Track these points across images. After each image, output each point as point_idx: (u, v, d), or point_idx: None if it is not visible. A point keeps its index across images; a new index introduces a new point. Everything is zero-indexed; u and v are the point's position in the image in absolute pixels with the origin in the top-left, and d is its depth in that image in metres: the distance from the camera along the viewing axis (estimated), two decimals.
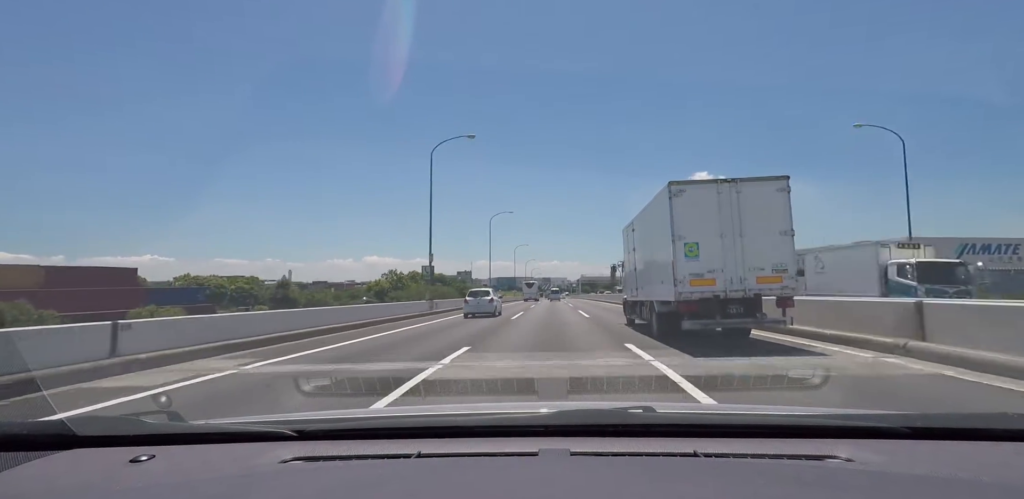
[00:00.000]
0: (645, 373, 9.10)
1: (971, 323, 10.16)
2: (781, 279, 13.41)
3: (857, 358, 10.73)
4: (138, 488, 1.38)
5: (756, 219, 13.49)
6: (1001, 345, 9.13)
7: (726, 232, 13.50)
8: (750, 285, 13.41)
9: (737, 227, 13.50)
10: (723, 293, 13.42)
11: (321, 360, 12.59)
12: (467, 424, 1.82)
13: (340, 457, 1.61)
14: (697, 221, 13.57)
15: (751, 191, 13.59)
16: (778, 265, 13.42)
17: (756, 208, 13.51)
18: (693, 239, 13.54)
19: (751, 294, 13.50)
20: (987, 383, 8.03)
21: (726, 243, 13.48)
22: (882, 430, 1.67)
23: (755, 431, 1.73)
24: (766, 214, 13.49)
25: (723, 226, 13.51)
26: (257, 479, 1.42)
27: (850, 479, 1.37)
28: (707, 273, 13.43)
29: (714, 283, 13.43)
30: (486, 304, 31.13)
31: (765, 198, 13.54)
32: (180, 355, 12.98)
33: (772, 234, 13.44)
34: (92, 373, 10.48)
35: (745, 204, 13.54)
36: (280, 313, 22.24)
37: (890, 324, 12.12)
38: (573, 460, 1.49)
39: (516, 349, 13.48)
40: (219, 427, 1.87)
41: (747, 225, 13.49)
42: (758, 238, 13.44)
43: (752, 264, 13.41)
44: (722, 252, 13.46)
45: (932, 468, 1.44)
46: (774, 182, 13.62)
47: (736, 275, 13.40)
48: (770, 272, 13.39)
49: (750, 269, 13.40)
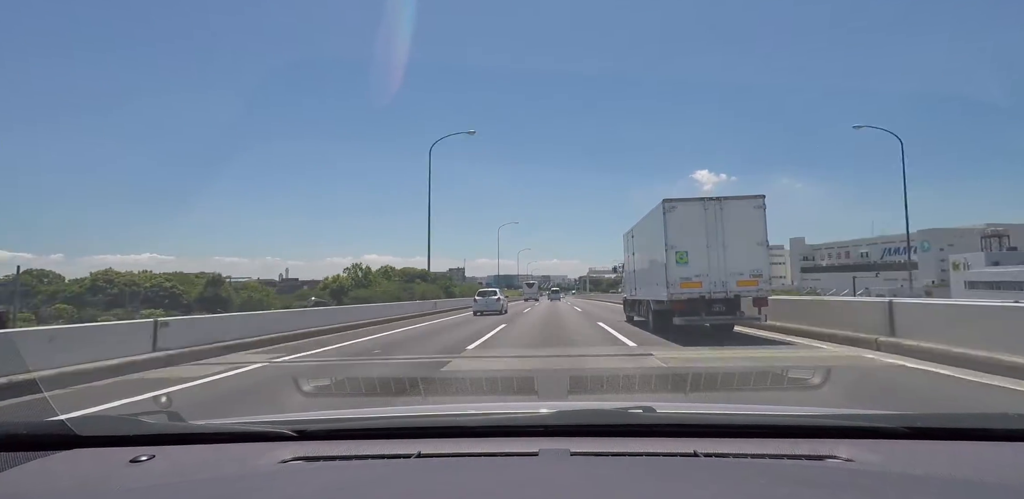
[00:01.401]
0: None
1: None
2: (757, 283, 13.51)
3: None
4: (138, 488, 1.20)
5: (736, 232, 13.52)
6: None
7: (711, 242, 13.52)
8: (731, 287, 13.45)
9: (720, 238, 13.52)
10: (708, 294, 13.45)
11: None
12: (467, 424, 1.59)
13: (340, 457, 1.40)
14: (686, 233, 13.59)
15: (732, 208, 13.64)
16: (755, 271, 13.50)
17: (736, 222, 13.55)
18: (683, 248, 13.57)
19: (732, 295, 13.56)
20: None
21: (711, 252, 13.50)
22: (882, 430, 1.44)
23: (755, 431, 1.50)
24: (745, 228, 13.55)
25: (708, 237, 13.54)
26: (257, 479, 1.23)
27: (850, 479, 1.17)
28: (694, 277, 13.45)
29: (700, 285, 13.43)
30: (494, 302, 30.32)
31: (744, 214, 13.61)
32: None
33: (750, 244, 13.53)
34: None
35: (727, 219, 13.57)
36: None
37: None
38: (573, 460, 1.28)
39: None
40: (219, 427, 1.64)
41: (729, 237, 13.50)
42: (738, 248, 13.47)
43: (733, 270, 13.43)
44: (707, 259, 13.48)
45: (932, 468, 1.24)
46: (752, 200, 13.74)
47: (719, 279, 13.42)
48: (748, 276, 13.45)
49: (731, 274, 13.44)
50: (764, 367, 7.34)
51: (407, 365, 9.83)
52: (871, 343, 10.47)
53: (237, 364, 10.47)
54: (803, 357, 9.82)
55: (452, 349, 12.23)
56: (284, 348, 13.60)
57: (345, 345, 14.17)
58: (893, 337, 10.32)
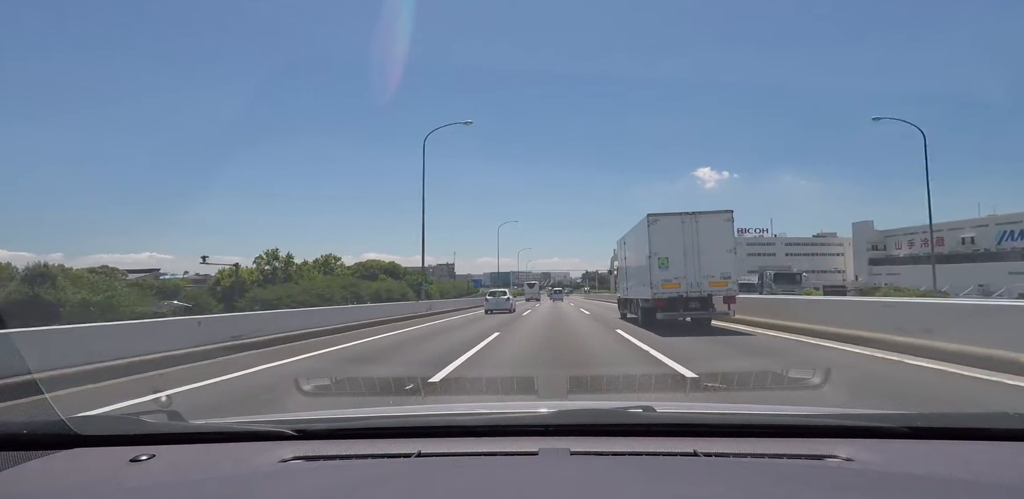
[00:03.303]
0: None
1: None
2: (726, 284, 13.22)
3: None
4: (138, 487, 0.99)
5: (709, 241, 13.25)
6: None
7: (687, 250, 13.24)
8: (704, 288, 13.19)
9: (695, 247, 13.25)
10: (685, 293, 13.19)
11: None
12: (467, 424, 1.33)
13: (340, 456, 1.15)
14: (667, 242, 13.32)
15: (706, 221, 13.35)
16: (724, 274, 13.24)
17: (709, 233, 13.27)
18: (664, 255, 13.30)
19: (705, 294, 13.28)
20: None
21: (687, 258, 13.23)
22: (882, 430, 1.19)
23: (755, 431, 1.24)
24: (716, 238, 13.27)
25: (685, 246, 13.26)
26: (257, 478, 1.01)
27: (850, 479, 0.94)
28: (674, 279, 13.19)
29: (679, 286, 13.17)
30: (504, 302, 27.37)
31: (715, 226, 13.33)
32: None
33: (720, 252, 13.26)
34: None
35: (701, 230, 13.28)
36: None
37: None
38: (573, 460, 1.05)
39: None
40: (219, 426, 1.38)
41: (702, 245, 13.23)
42: (710, 254, 13.20)
43: (706, 273, 13.17)
44: (684, 264, 13.22)
45: (932, 468, 0.99)
46: (722, 214, 13.49)
47: (694, 281, 13.17)
48: (719, 278, 13.18)
49: (704, 277, 13.18)
50: (763, 367, 6.34)
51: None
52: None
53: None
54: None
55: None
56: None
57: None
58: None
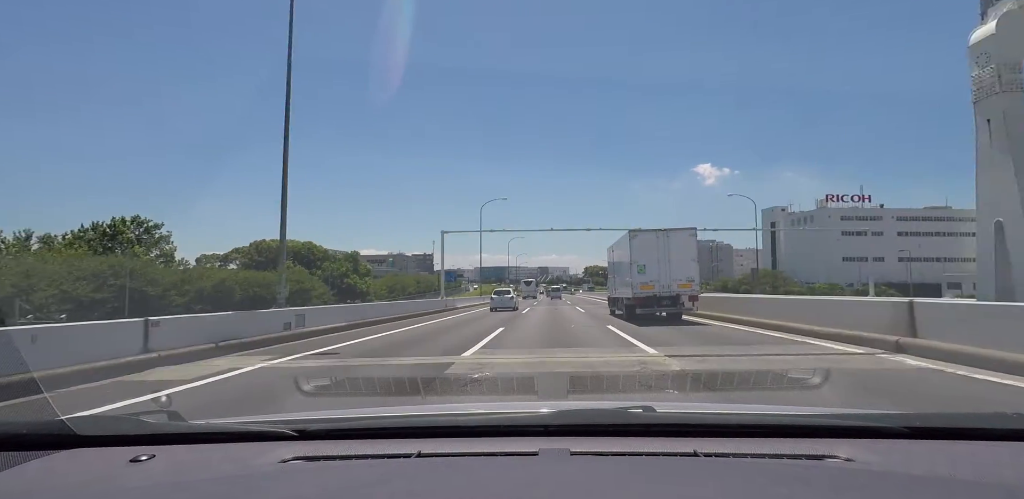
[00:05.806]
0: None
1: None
2: (691, 285, 13.03)
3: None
4: (138, 488, 0.77)
5: (677, 251, 13.08)
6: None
7: (660, 259, 13.05)
8: (673, 289, 12.94)
9: (666, 256, 13.05)
10: (658, 293, 12.96)
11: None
12: (467, 424, 1.06)
13: (340, 457, 0.91)
14: (645, 252, 13.12)
15: (675, 236, 13.23)
16: (689, 277, 13.04)
17: (677, 246, 13.13)
18: (642, 262, 13.09)
19: (674, 293, 13.02)
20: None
21: (660, 265, 13.03)
22: (881, 430, 0.94)
23: (755, 431, 0.99)
24: (682, 249, 13.17)
25: (659, 255, 13.07)
26: (257, 479, 0.79)
27: (850, 479, 0.71)
28: (650, 281, 12.97)
29: (653, 287, 12.96)
30: (508, 301, 22.50)
31: (682, 240, 13.25)
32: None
33: (686, 260, 13.13)
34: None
35: (671, 243, 13.12)
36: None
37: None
38: (573, 460, 0.82)
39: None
40: (219, 427, 1.11)
41: (672, 254, 13.04)
42: (679, 262, 13.02)
43: (675, 277, 12.95)
44: (658, 270, 13.01)
45: (931, 468, 0.75)
46: (687, 231, 13.48)
47: (666, 283, 12.94)
48: (685, 281, 12.96)
49: (673, 280, 12.95)
50: (763, 367, 5.25)
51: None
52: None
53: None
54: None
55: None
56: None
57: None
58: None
